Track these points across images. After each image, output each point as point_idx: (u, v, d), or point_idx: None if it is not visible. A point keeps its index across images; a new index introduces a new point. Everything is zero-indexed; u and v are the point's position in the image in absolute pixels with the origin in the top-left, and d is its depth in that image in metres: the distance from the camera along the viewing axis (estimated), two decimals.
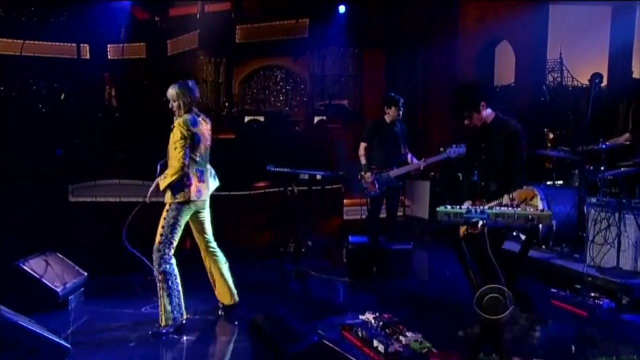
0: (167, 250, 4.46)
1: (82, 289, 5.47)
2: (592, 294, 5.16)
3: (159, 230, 4.49)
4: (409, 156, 6.69)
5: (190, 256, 4.96)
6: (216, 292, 4.99)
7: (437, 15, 10.11)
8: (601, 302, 5.06)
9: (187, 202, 4.50)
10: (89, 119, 10.80)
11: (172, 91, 4.51)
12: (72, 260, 5.54)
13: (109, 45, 14.13)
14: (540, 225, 3.71)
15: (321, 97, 11.27)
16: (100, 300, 5.38)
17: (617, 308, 5.06)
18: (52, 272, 5.19)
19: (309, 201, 7.17)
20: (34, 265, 5.11)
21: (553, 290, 5.44)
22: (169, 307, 4.46)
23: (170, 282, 4.47)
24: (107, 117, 11.09)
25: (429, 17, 10.21)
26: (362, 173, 6.60)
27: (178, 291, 4.53)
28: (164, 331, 4.47)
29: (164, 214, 4.50)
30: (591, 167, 6.44)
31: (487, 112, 4.31)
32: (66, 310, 5.05)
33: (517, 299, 3.67)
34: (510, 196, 3.84)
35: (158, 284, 4.48)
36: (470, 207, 3.44)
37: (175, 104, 4.51)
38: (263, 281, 6.26)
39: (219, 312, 4.99)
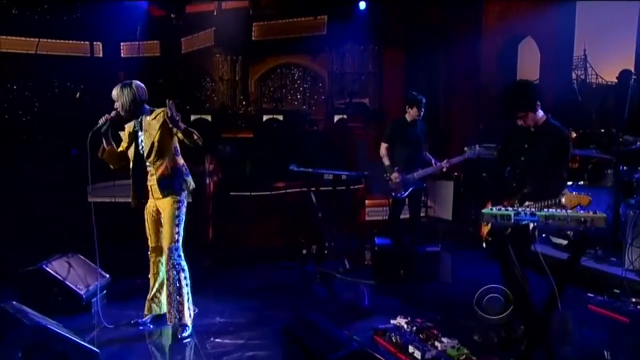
0: (179, 246, 4.47)
1: (105, 291, 5.35)
2: (633, 299, 4.98)
3: (173, 228, 4.43)
4: (429, 157, 6.57)
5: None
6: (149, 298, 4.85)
7: (460, 13, 9.92)
8: None
9: (188, 191, 4.54)
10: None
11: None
12: (93, 262, 5.41)
13: (122, 44, 14.09)
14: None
15: (340, 95, 11.09)
16: (123, 303, 5.27)
17: None
18: (74, 274, 5.11)
19: (330, 202, 7.03)
20: (56, 267, 5.03)
21: (590, 294, 5.25)
22: (187, 304, 4.48)
23: (186, 279, 4.49)
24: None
25: (451, 14, 10.02)
26: (389, 174, 6.46)
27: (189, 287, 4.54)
28: (186, 332, 4.45)
29: (173, 211, 4.43)
30: (625, 167, 6.26)
31: (540, 114, 4.13)
32: (89, 313, 4.94)
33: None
34: (553, 202, 3.61)
35: (177, 284, 4.43)
36: (518, 208, 3.25)
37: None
38: (286, 283, 6.14)
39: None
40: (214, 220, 7.10)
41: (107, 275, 5.41)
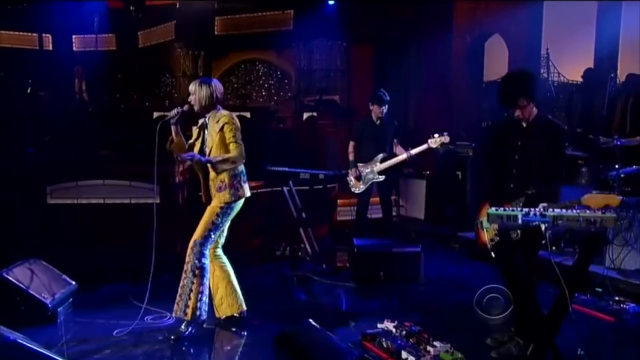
0: (207, 246, 4.43)
1: (71, 299, 5.01)
2: (616, 298, 4.97)
3: (205, 225, 4.39)
4: (401, 149, 6.50)
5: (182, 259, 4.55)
6: (217, 303, 4.63)
7: (430, 9, 9.86)
8: (627, 307, 4.88)
9: (239, 200, 4.47)
10: (59, 115, 10.15)
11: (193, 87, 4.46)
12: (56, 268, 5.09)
13: (74, 36, 13.49)
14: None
15: (308, 92, 10.88)
16: (91, 312, 4.94)
17: None
18: (38, 282, 4.76)
19: (306, 202, 6.85)
20: (18, 275, 4.67)
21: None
22: (197, 303, 4.36)
23: (204, 279, 4.40)
24: (80, 112, 10.42)
25: (421, 10, 9.95)
26: (350, 169, 6.57)
27: (207, 291, 4.46)
28: (187, 331, 4.37)
29: (216, 210, 4.40)
30: (600, 165, 6.30)
31: (534, 108, 3.97)
32: (56, 324, 4.61)
33: None
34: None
35: (192, 279, 4.35)
36: (527, 209, 3.12)
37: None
38: (264, 287, 5.91)
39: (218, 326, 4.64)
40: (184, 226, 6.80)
41: (73, 283, 5.07)
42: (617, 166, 5.76)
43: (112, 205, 6.86)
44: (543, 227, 2.98)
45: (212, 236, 4.44)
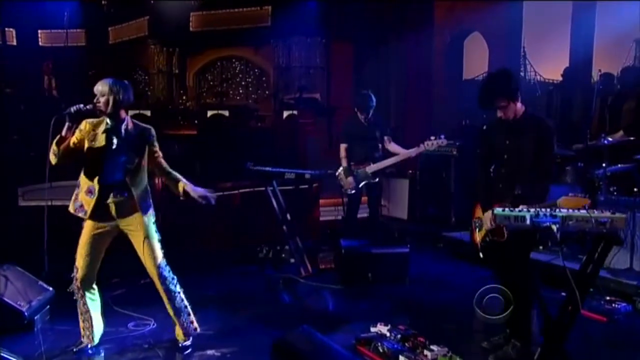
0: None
1: (48, 306, 4.76)
2: (607, 298, 4.95)
3: (155, 244, 4.03)
4: (396, 146, 6.42)
5: None
6: None
7: (410, 6, 9.80)
8: (618, 306, 4.86)
9: None
10: (28, 113, 9.77)
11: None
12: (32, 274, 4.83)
13: (40, 31, 13.07)
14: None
15: (288, 90, 10.70)
16: (70, 319, 4.61)
17: (633, 312, 4.86)
18: (13, 288, 4.52)
19: (289, 202, 6.68)
20: None
21: (563, 294, 5.16)
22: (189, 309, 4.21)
23: (180, 286, 4.17)
24: (51, 110, 10.03)
25: (402, 7, 9.88)
26: (339, 171, 6.40)
27: None
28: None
29: (151, 226, 4.04)
30: (581, 164, 6.31)
31: (519, 105, 3.88)
32: (32, 332, 4.39)
33: None
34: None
35: (178, 292, 4.12)
36: (537, 209, 3.03)
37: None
38: (250, 290, 5.75)
39: None
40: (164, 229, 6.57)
41: (50, 289, 4.81)
42: (604, 165, 5.76)
43: None
44: (554, 228, 2.89)
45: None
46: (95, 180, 3.90)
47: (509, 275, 3.93)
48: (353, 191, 6.36)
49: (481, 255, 3.91)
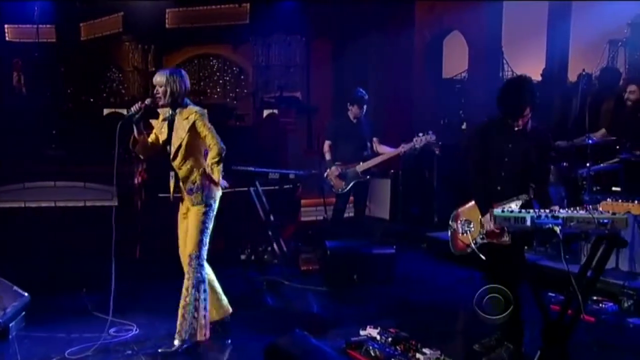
0: (204, 254, 4.15)
1: (24, 313, 4.55)
2: (594, 297, 4.96)
3: (195, 234, 4.06)
4: (383, 147, 6.35)
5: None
6: None
7: (391, 4, 9.75)
8: (605, 306, 4.89)
9: (217, 196, 4.16)
10: None
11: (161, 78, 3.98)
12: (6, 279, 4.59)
13: (6, 26, 12.68)
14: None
15: (267, 89, 10.57)
16: (47, 326, 4.50)
17: (619, 311, 4.87)
18: None
19: (272, 202, 6.57)
20: None
21: (551, 294, 5.17)
22: (204, 320, 4.08)
23: (207, 293, 4.13)
24: (21, 108, 9.72)
25: (382, 5, 9.82)
26: (328, 171, 6.32)
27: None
28: (181, 348, 4.03)
29: (199, 215, 4.06)
30: (565, 164, 6.32)
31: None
32: (7, 340, 4.20)
33: None
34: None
35: (195, 295, 4.06)
36: (538, 210, 2.98)
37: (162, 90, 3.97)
38: (233, 293, 5.39)
39: None
40: (143, 229, 6.41)
41: (26, 294, 4.59)
42: (588, 164, 5.77)
43: (64, 209, 6.38)
44: (557, 229, 2.84)
45: (205, 241, 4.12)
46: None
47: (501, 277, 3.88)
48: (344, 190, 6.30)
49: (482, 257, 3.83)
